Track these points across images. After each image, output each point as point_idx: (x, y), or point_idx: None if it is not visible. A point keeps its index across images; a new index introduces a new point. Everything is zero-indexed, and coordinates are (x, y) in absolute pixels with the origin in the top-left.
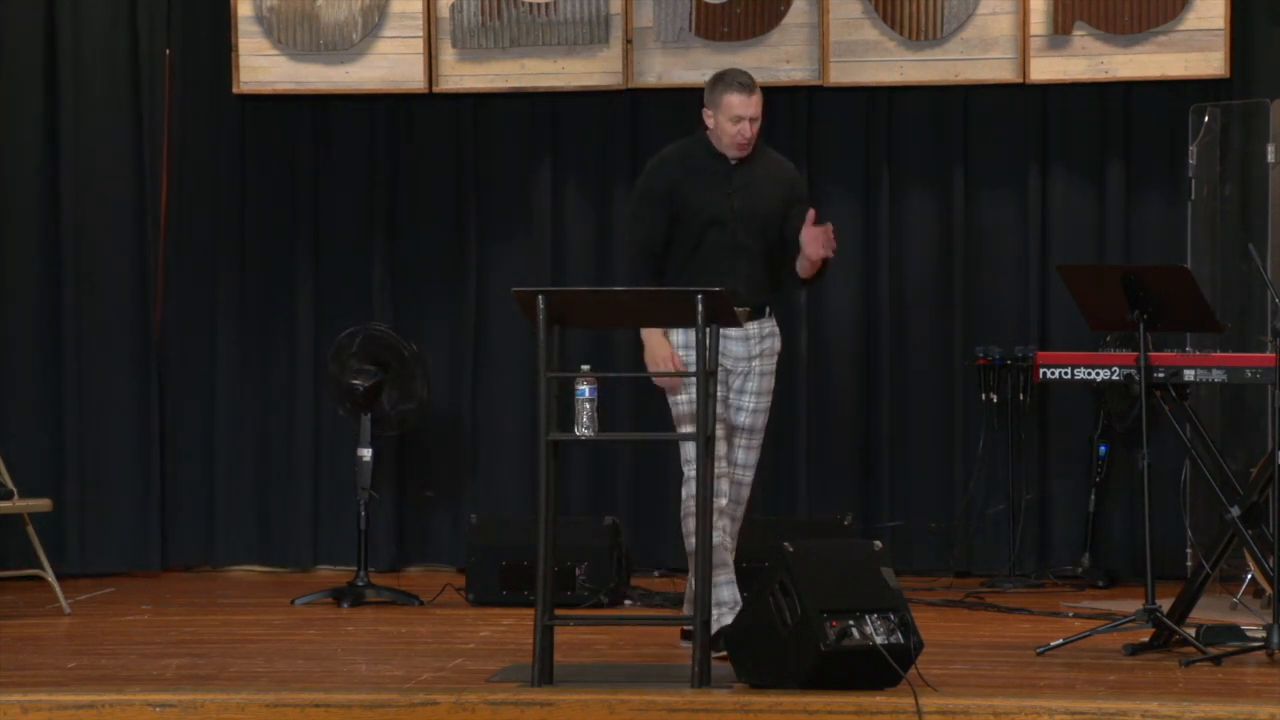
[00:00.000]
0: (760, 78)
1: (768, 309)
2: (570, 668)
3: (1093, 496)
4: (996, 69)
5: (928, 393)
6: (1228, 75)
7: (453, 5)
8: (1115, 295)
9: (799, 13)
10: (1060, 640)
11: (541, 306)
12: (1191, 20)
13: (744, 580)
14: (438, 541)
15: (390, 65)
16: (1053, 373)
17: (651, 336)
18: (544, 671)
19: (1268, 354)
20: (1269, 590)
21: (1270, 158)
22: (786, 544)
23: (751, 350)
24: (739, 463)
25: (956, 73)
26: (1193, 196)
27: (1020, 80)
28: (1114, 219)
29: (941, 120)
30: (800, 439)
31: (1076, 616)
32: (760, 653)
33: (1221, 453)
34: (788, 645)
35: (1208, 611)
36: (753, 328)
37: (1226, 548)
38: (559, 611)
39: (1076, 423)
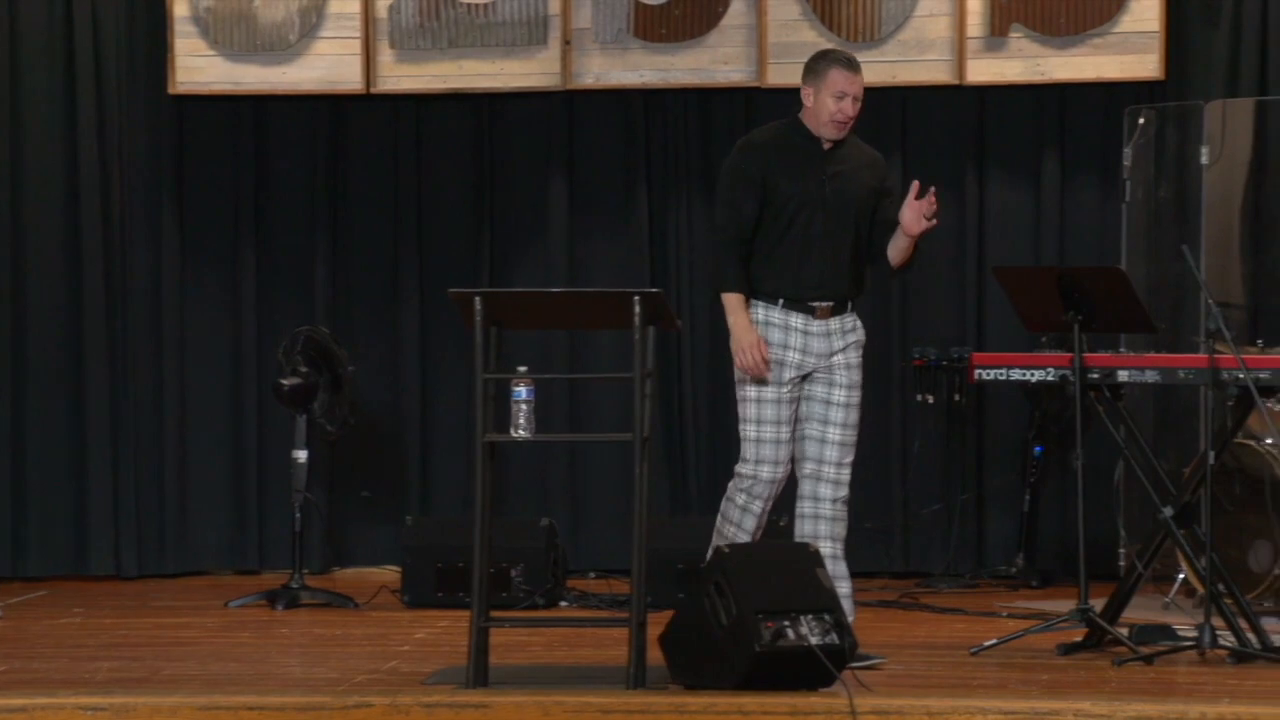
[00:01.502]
0: (698, 79)
1: (850, 304)
2: (506, 669)
3: (1027, 497)
4: (934, 70)
5: (865, 394)
6: (1162, 78)
7: (391, 6)
8: (1050, 296)
9: (737, 14)
10: (994, 640)
11: (478, 308)
12: (1127, 23)
13: (680, 581)
14: (373, 543)
15: (328, 66)
16: (988, 373)
17: (739, 322)
18: (479, 673)
19: (1200, 355)
20: (1201, 590)
21: (1204, 160)
22: (722, 545)
23: (834, 345)
24: (832, 460)
25: (894, 74)
26: (1127, 198)
27: (957, 82)
28: (1050, 220)
29: (879, 121)
30: (737, 438)
31: (1010, 616)
32: (695, 653)
33: (1154, 453)
34: (723, 646)
35: (1140, 611)
36: (834, 323)
37: (1159, 548)
38: (495, 613)
39: (1012, 423)
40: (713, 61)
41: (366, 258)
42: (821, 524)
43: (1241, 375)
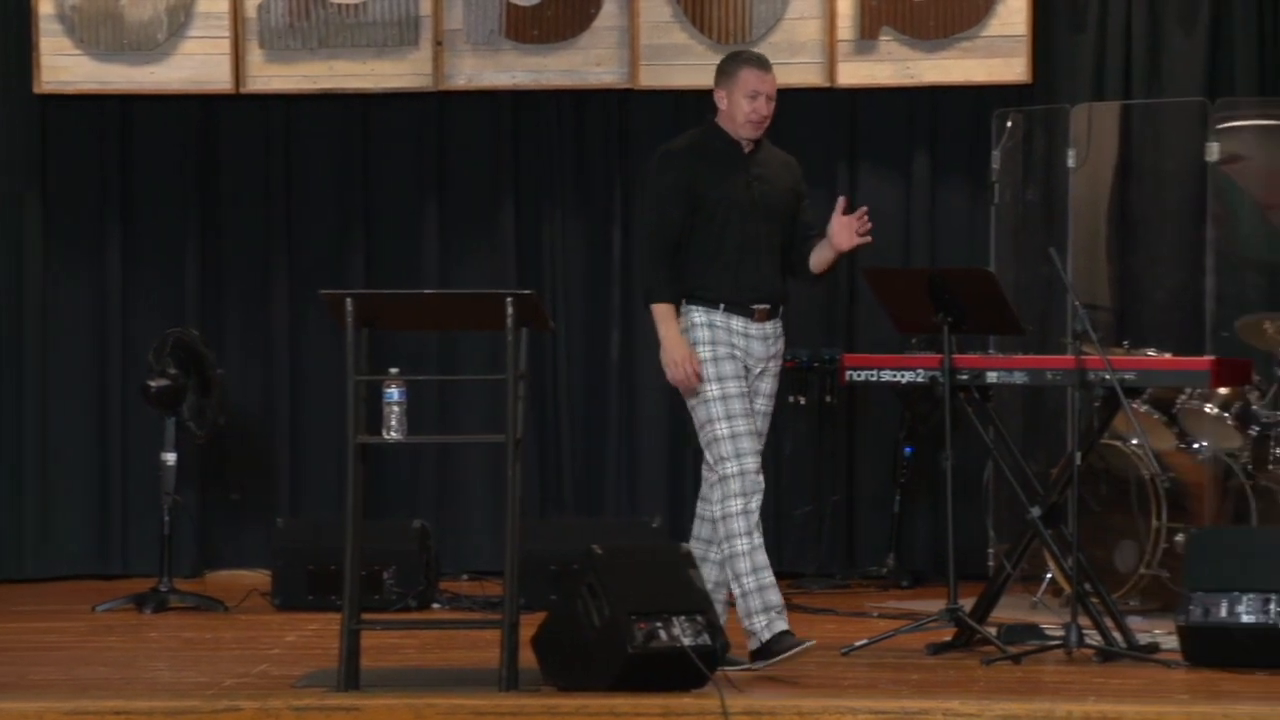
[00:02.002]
0: (570, 81)
1: (782, 309)
2: (377, 672)
3: (897, 497)
4: (805, 73)
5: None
6: (1030, 81)
7: (260, 6)
8: (920, 298)
9: (609, 16)
10: (864, 640)
11: (349, 309)
12: (995, 26)
13: (552, 582)
14: (244, 546)
15: (197, 66)
16: (859, 375)
17: (668, 334)
18: (350, 676)
19: (1067, 356)
20: (1068, 589)
21: (1071, 162)
22: (595, 546)
23: (769, 350)
24: None
25: None
26: (996, 200)
27: (828, 84)
28: (919, 222)
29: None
30: (610, 440)
31: (881, 616)
32: (568, 655)
33: (1023, 454)
34: (595, 647)
35: (1009, 611)
36: (769, 327)
37: (1027, 548)
38: (366, 616)
39: (882, 424)
40: (585, 63)
41: (236, 259)
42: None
43: (1108, 376)
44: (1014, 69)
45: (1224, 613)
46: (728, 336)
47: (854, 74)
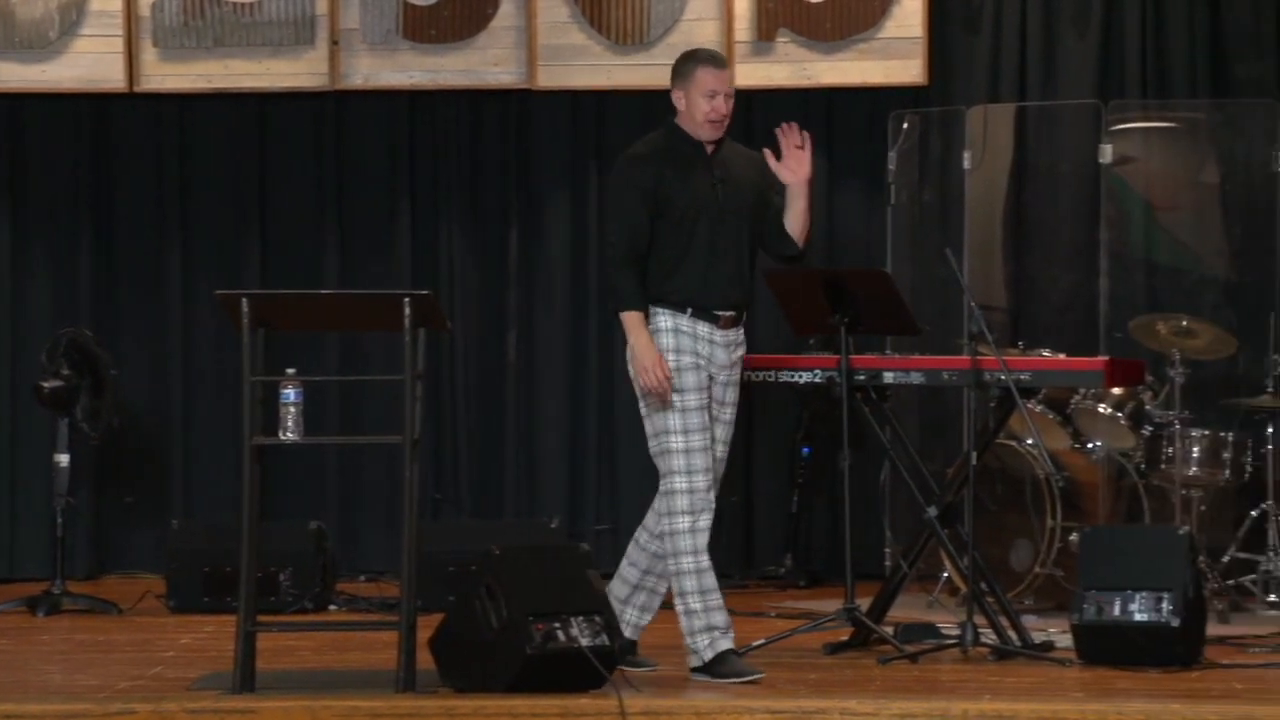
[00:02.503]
0: (468, 81)
1: (745, 314)
2: (273, 674)
3: (795, 498)
4: None
5: (635, 396)
6: (926, 83)
7: (154, 4)
8: (817, 299)
9: (506, 16)
10: (762, 640)
11: (245, 309)
12: (891, 29)
13: (450, 584)
14: (139, 549)
15: (90, 64)
16: (756, 375)
17: (639, 341)
18: (245, 678)
19: (963, 357)
20: (964, 588)
21: (966, 164)
22: (493, 547)
23: (732, 356)
24: (716, 476)
25: (663, 78)
26: (892, 201)
27: None
28: (817, 223)
29: (649, 125)
30: (509, 441)
31: (778, 616)
32: (466, 656)
33: (919, 454)
34: (493, 648)
35: (905, 610)
36: (732, 333)
37: (923, 547)
38: (262, 617)
39: (780, 425)
40: (483, 63)
41: (131, 259)
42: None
43: (1003, 377)
44: (910, 71)
45: (1117, 611)
46: (692, 344)
47: (751, 75)
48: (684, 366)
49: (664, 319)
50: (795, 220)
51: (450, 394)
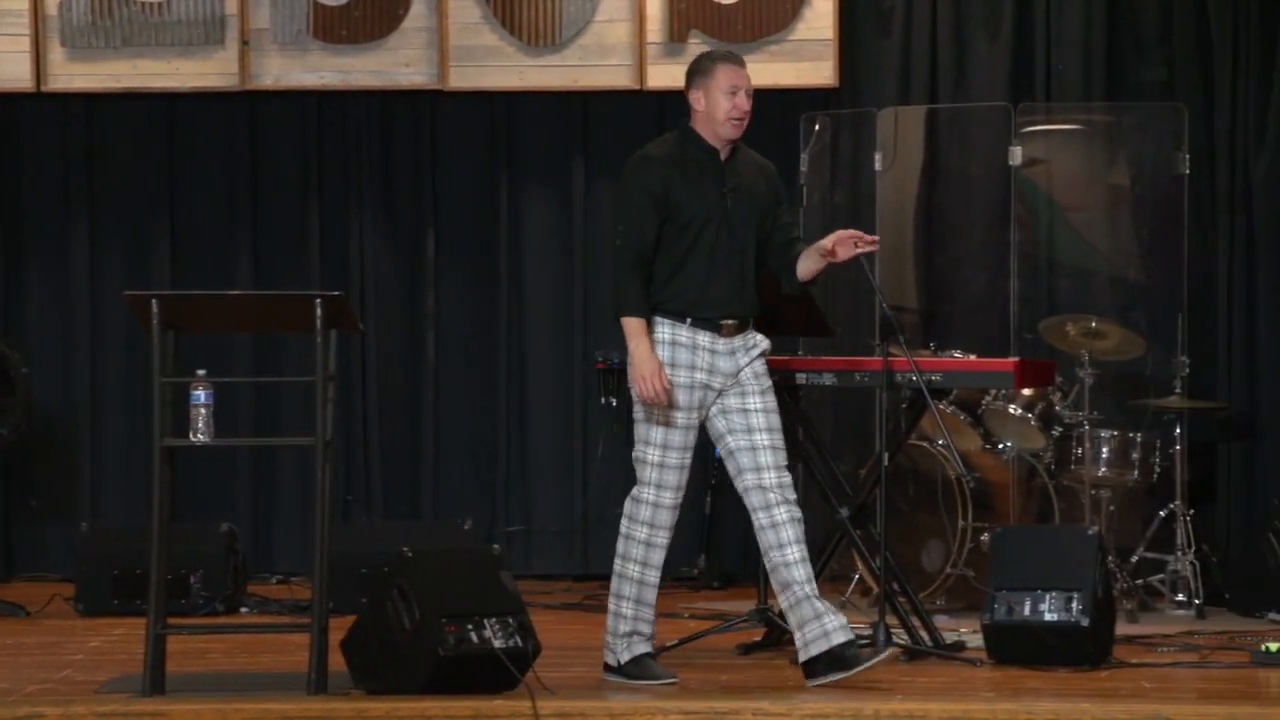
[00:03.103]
0: (379, 81)
1: (752, 321)
2: (183, 677)
3: (708, 499)
4: (614, 75)
5: (549, 396)
6: (837, 85)
7: (61, 3)
8: None
9: (418, 16)
10: (675, 641)
11: (154, 310)
12: (802, 30)
13: (363, 585)
14: (47, 552)
15: None
16: None
17: (639, 349)
18: (155, 681)
19: (875, 358)
20: (876, 589)
21: (878, 166)
22: (405, 549)
23: (739, 362)
24: (769, 464)
25: (575, 79)
26: (804, 203)
27: (638, 87)
28: None
29: (562, 126)
30: (424, 442)
31: (692, 617)
32: (378, 658)
33: (831, 454)
34: (406, 651)
35: None
36: (738, 341)
37: (835, 548)
38: (172, 620)
39: None
40: (394, 64)
41: (38, 259)
42: (783, 530)
43: (915, 378)
44: (821, 73)
45: (1027, 611)
46: (690, 356)
47: (663, 76)
48: (677, 384)
49: (663, 330)
50: (806, 271)
51: (363, 395)
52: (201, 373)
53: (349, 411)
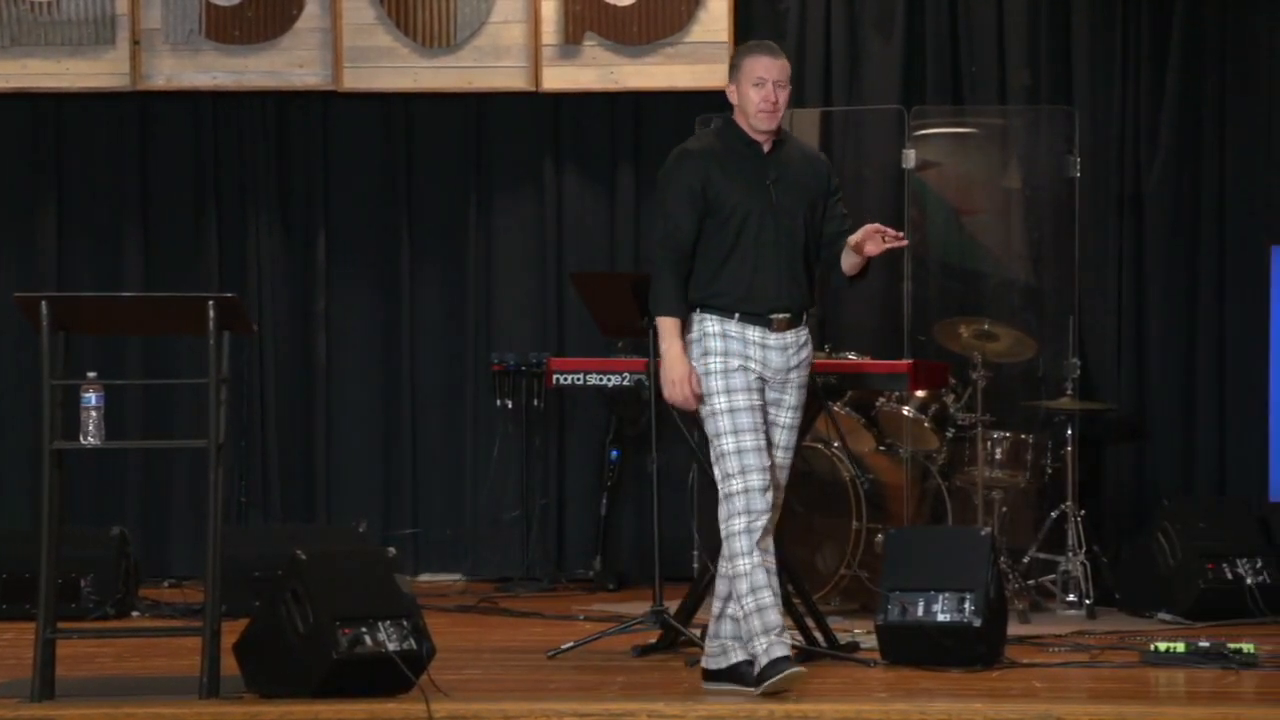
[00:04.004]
0: (273, 82)
1: (805, 315)
2: (73, 681)
3: (604, 501)
4: (509, 77)
5: (444, 398)
6: None
7: None
8: (626, 302)
9: (311, 17)
10: (571, 643)
11: (45, 312)
12: (697, 33)
13: (257, 588)
14: None
15: None
16: (565, 378)
17: (670, 350)
18: (45, 686)
19: None
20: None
21: None
22: (299, 551)
23: (790, 361)
24: (776, 484)
25: (470, 80)
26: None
27: (533, 88)
28: (626, 227)
29: (458, 127)
30: (319, 445)
31: (587, 619)
32: (271, 662)
33: None
34: (300, 654)
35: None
36: (790, 336)
37: None
38: (62, 624)
39: (590, 428)
40: (288, 64)
41: None
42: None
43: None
44: (717, 75)
45: (920, 612)
46: (742, 347)
47: (558, 78)
48: (731, 368)
49: (711, 323)
50: (850, 267)
51: (259, 397)
52: (93, 375)
53: (243, 414)
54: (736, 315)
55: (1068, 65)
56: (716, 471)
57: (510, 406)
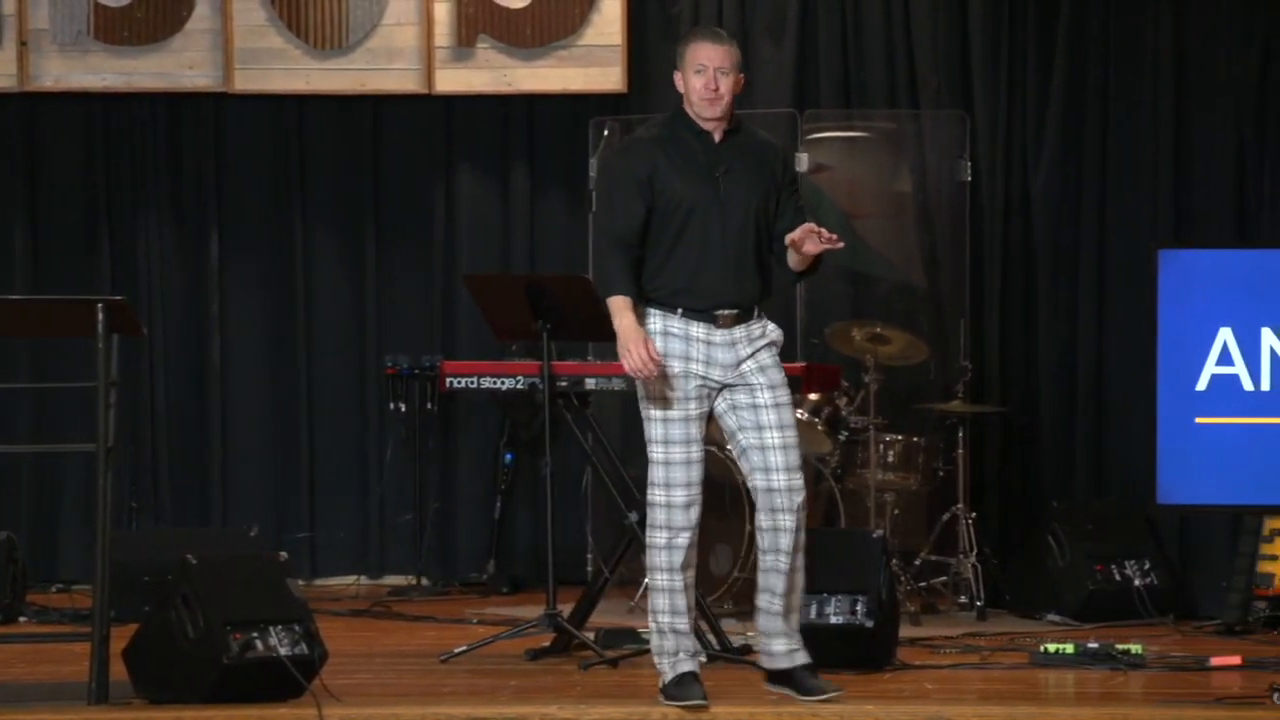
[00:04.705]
0: (163, 84)
1: (757, 310)
2: None
3: (498, 504)
4: (402, 79)
5: (339, 402)
6: (626, 90)
7: None
8: (519, 304)
9: (201, 18)
10: (464, 647)
11: None
12: (590, 36)
13: (147, 593)
14: None
15: None
16: (459, 382)
17: (621, 323)
18: None
19: None
20: None
21: None
22: (189, 556)
23: (740, 354)
24: (778, 466)
25: (363, 82)
26: (594, 208)
27: (426, 91)
28: (519, 229)
29: (351, 129)
30: (211, 448)
31: (481, 623)
32: (162, 667)
33: (621, 460)
34: (190, 659)
35: (607, 615)
36: (739, 331)
37: (624, 552)
38: None
39: (483, 431)
40: (178, 66)
41: None
42: (782, 536)
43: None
44: (610, 78)
45: (813, 614)
46: (684, 347)
47: (452, 81)
48: (670, 374)
49: (653, 320)
50: (795, 264)
51: (150, 400)
52: None
53: (134, 417)
54: (679, 310)
55: (961, 69)
56: (649, 464)
57: (404, 410)
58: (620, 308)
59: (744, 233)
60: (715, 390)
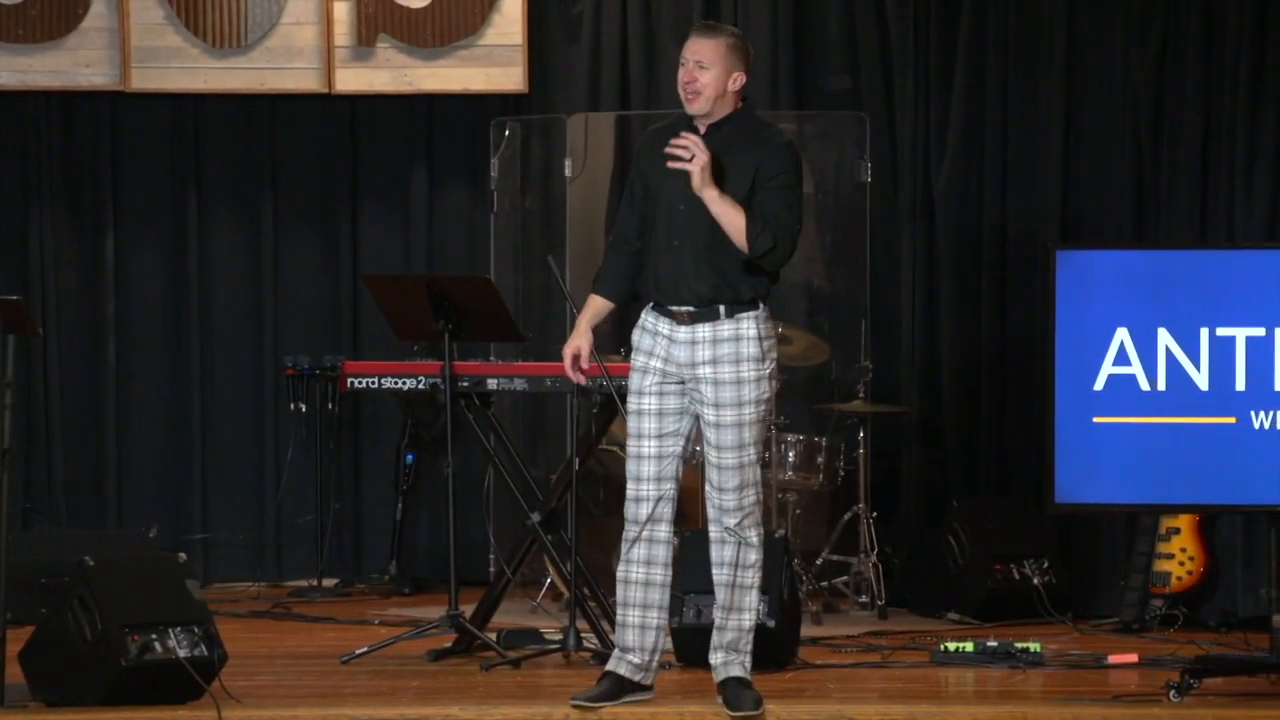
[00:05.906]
0: (59, 82)
1: (722, 309)
2: None
3: (400, 505)
4: (302, 79)
5: (238, 402)
6: (527, 90)
7: None
8: (420, 305)
9: (98, 16)
10: (365, 648)
11: None
12: (491, 36)
13: (43, 595)
14: None
15: None
16: (360, 382)
17: (576, 326)
18: None
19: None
20: (566, 594)
21: (568, 172)
22: (86, 558)
23: (696, 356)
24: (714, 485)
25: (262, 81)
26: (495, 208)
27: (326, 90)
28: (419, 229)
29: (250, 129)
30: (108, 449)
31: (382, 624)
32: (58, 670)
33: (524, 460)
34: (87, 661)
35: (509, 616)
36: (701, 330)
37: (527, 553)
38: None
39: (385, 431)
40: (74, 64)
41: None
42: (719, 549)
43: (605, 383)
44: (511, 78)
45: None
46: (651, 342)
47: (352, 81)
48: (638, 367)
49: (643, 315)
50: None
51: (44, 400)
52: None
53: (29, 418)
54: (652, 304)
55: (866, 70)
56: None
57: (304, 410)
58: (584, 307)
59: (712, 230)
60: (681, 385)
